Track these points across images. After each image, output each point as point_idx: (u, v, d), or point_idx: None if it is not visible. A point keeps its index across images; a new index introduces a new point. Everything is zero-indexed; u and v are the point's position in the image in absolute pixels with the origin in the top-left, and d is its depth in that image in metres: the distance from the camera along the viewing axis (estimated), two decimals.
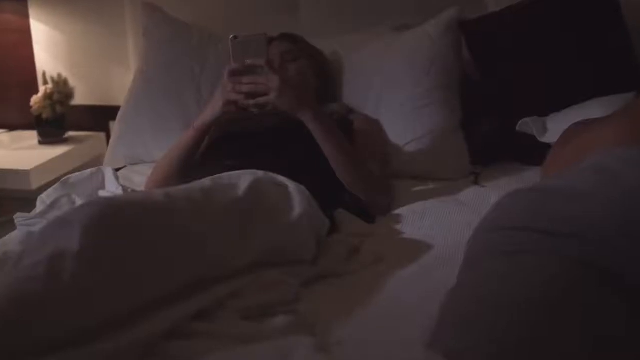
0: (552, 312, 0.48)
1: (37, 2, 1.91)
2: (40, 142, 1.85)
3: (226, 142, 1.22)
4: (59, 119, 1.82)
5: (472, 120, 1.38)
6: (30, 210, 1.11)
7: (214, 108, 1.13)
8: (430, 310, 0.58)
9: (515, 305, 0.49)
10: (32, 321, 0.63)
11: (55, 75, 1.85)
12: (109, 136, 1.81)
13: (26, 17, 1.91)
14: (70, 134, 1.89)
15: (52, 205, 1.08)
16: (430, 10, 1.43)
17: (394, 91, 1.38)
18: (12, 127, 1.99)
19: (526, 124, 1.21)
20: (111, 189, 1.16)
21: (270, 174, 0.97)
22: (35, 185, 1.65)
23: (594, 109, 1.10)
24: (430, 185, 1.29)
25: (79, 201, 1.08)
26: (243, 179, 0.91)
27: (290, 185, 0.96)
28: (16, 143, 1.89)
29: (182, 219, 0.78)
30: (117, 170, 1.31)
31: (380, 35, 1.50)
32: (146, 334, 0.68)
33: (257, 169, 0.98)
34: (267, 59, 1.08)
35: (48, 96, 1.80)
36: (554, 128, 1.16)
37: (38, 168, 1.68)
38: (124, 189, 1.16)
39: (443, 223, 1.08)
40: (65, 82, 1.85)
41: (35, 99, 1.80)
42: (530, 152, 1.22)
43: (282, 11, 1.62)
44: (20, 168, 1.66)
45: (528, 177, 1.24)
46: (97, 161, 1.72)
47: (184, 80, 1.51)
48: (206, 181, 0.91)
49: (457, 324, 0.52)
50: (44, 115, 1.80)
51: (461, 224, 1.04)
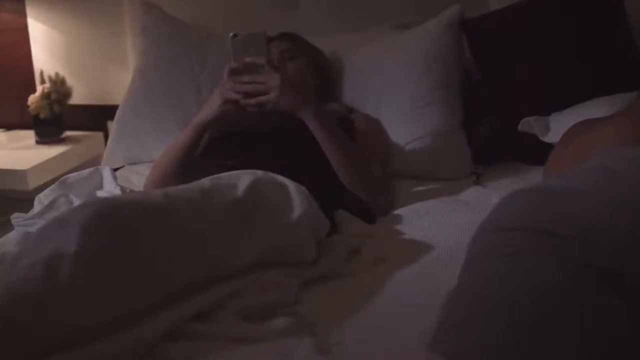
0: (552, 312, 0.48)
1: (35, 1, 1.89)
2: (38, 142, 1.84)
3: (225, 142, 1.21)
4: (56, 118, 1.81)
5: (473, 119, 1.37)
6: (28, 211, 1.11)
7: (211, 107, 1.13)
8: (431, 311, 0.58)
9: (515, 306, 0.49)
10: (32, 321, 0.63)
11: (52, 75, 1.84)
12: (107, 136, 1.80)
13: (23, 16, 1.90)
14: (68, 133, 1.88)
15: (50, 206, 1.07)
16: (431, 8, 1.43)
17: (395, 91, 1.38)
18: (9, 127, 1.98)
19: (528, 124, 1.21)
20: (109, 189, 1.16)
21: (270, 174, 0.96)
22: (32, 186, 1.64)
23: (596, 108, 1.10)
24: (431, 185, 1.29)
25: (76, 201, 1.08)
26: (243, 179, 0.91)
27: (290, 185, 0.95)
28: (13, 143, 1.88)
29: (181, 219, 0.78)
30: (115, 170, 1.30)
31: (380, 34, 1.49)
32: (146, 335, 0.68)
33: (257, 168, 0.97)
34: (268, 57, 1.07)
35: (45, 95, 1.78)
36: (556, 127, 1.16)
37: (35, 168, 1.67)
38: (122, 189, 1.15)
39: (444, 223, 1.08)
40: (62, 82, 1.84)
41: (32, 99, 1.79)
42: (532, 152, 1.22)
43: (282, 9, 1.62)
44: (17, 168, 1.65)
45: (530, 177, 1.24)
46: (95, 161, 1.71)
47: (183, 80, 1.50)
48: (205, 181, 0.90)
49: (458, 324, 0.52)
50: (42, 115, 1.79)
51: (462, 225, 1.04)
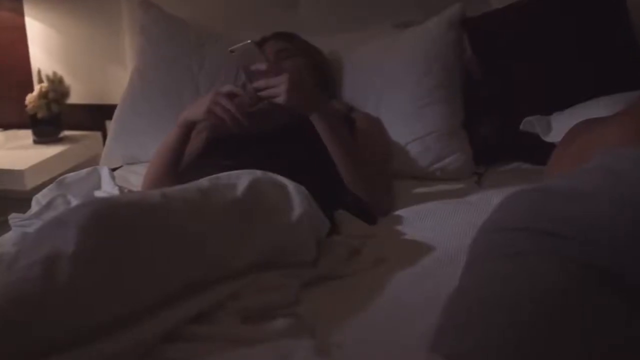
0: (552, 313, 0.48)
1: (33, 0, 1.89)
2: (35, 142, 1.83)
3: (224, 142, 1.21)
4: (54, 118, 1.80)
5: (473, 119, 1.37)
6: (25, 211, 1.10)
7: (200, 107, 1.12)
8: (431, 312, 0.57)
9: (516, 306, 0.49)
10: (32, 321, 0.63)
11: (50, 74, 1.83)
12: (105, 135, 1.79)
13: (21, 15, 1.89)
14: (66, 133, 1.88)
15: (48, 206, 1.07)
16: (432, 7, 1.42)
17: (395, 90, 1.37)
18: (7, 126, 1.97)
19: (530, 123, 1.20)
20: (107, 189, 1.15)
21: (269, 174, 0.96)
22: (30, 186, 1.63)
23: (598, 108, 1.10)
24: (432, 185, 1.29)
25: (74, 201, 1.08)
26: (242, 179, 0.90)
27: (290, 185, 0.95)
28: (10, 142, 1.87)
29: (179, 219, 0.78)
30: (114, 170, 1.30)
31: (380, 33, 1.48)
32: (146, 335, 0.68)
33: (256, 168, 0.97)
34: (267, 61, 1.07)
35: (43, 95, 1.78)
36: (558, 127, 1.15)
37: (33, 168, 1.66)
38: (120, 189, 1.15)
39: (445, 224, 1.07)
40: (60, 81, 1.83)
41: (30, 98, 1.78)
42: (533, 152, 1.22)
43: (282, 9, 1.61)
44: (14, 168, 1.64)
45: (531, 177, 1.23)
46: (93, 161, 1.70)
47: (182, 79, 1.50)
48: (204, 181, 0.90)
49: (459, 325, 0.52)
50: (39, 114, 1.78)
51: (463, 225, 1.03)
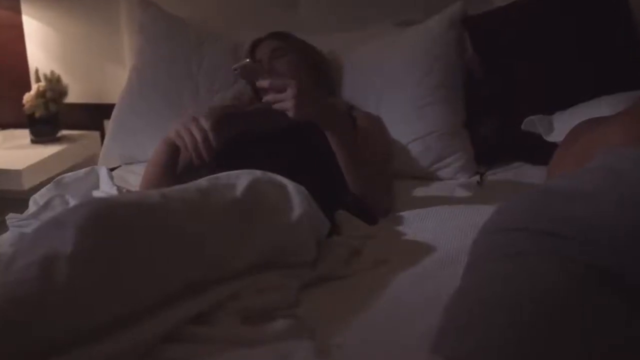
0: (553, 313, 0.48)
1: None
2: (33, 141, 1.82)
3: (223, 142, 1.20)
4: (52, 117, 1.80)
5: (474, 119, 1.37)
6: (23, 211, 1.10)
7: (175, 125, 1.05)
8: (433, 313, 0.57)
9: (516, 306, 0.49)
10: (32, 321, 0.62)
11: (48, 73, 1.82)
12: (103, 135, 1.79)
13: (18, 13, 1.89)
14: (64, 132, 1.87)
15: (45, 206, 1.07)
16: (433, 6, 1.42)
17: (395, 90, 1.37)
18: (4, 126, 1.97)
19: (532, 123, 1.19)
20: (105, 189, 1.15)
21: (269, 174, 0.95)
22: (27, 186, 1.63)
23: (600, 107, 1.10)
24: (433, 186, 1.28)
25: (72, 201, 1.07)
26: (241, 179, 0.90)
27: (290, 185, 0.95)
28: (8, 142, 1.86)
29: (178, 219, 0.77)
30: (112, 170, 1.29)
31: (381, 32, 1.48)
32: (146, 335, 0.68)
33: (256, 169, 0.96)
34: (269, 75, 1.07)
35: (41, 94, 1.77)
36: (560, 127, 1.15)
37: (30, 168, 1.65)
38: (119, 189, 1.15)
39: (446, 225, 1.06)
40: (58, 80, 1.82)
41: (27, 97, 1.78)
42: (534, 152, 1.21)
43: (282, 9, 1.61)
44: (12, 168, 1.63)
45: (533, 177, 1.23)
46: (91, 161, 1.70)
47: (180, 78, 1.49)
48: (203, 181, 0.90)
49: (460, 326, 0.52)
50: (37, 114, 1.77)
51: (464, 226, 1.02)
